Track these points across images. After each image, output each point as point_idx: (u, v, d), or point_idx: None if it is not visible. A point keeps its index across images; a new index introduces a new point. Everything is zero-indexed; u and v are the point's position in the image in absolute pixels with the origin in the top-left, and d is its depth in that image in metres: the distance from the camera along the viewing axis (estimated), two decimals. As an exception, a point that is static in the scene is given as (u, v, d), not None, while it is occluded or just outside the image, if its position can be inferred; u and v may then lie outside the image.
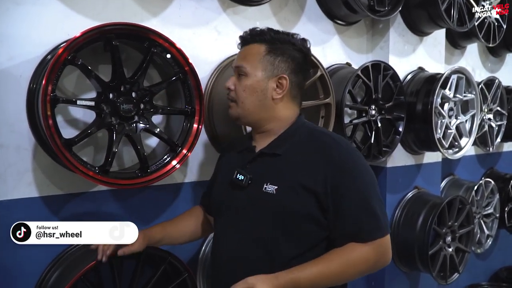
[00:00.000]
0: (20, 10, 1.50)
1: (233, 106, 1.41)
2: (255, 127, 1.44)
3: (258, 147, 1.42)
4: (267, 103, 1.38)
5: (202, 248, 1.98)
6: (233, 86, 1.41)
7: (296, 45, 1.40)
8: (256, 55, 1.38)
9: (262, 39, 1.39)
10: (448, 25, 2.58)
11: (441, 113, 2.55)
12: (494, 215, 3.46)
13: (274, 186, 1.31)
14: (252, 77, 1.37)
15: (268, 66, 1.37)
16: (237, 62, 1.41)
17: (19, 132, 1.52)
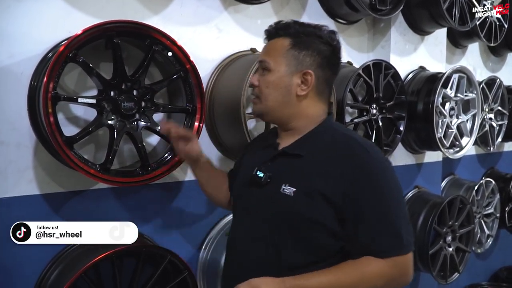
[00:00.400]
0: (21, 8, 1.49)
1: (256, 102, 1.36)
2: (279, 124, 1.39)
3: (281, 144, 1.36)
4: (291, 100, 1.31)
5: (203, 246, 1.98)
6: (257, 82, 1.35)
7: (323, 38, 1.32)
8: (279, 49, 1.31)
9: (287, 32, 1.33)
10: (450, 24, 2.58)
11: (442, 113, 2.55)
12: (494, 215, 3.46)
13: (292, 188, 1.24)
14: (275, 72, 1.31)
15: (292, 61, 1.30)
16: (260, 57, 1.36)
17: (20, 129, 1.52)
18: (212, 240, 1.99)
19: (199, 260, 1.98)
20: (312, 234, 1.23)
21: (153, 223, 1.83)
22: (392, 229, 1.20)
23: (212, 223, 2.01)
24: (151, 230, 1.82)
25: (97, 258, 1.43)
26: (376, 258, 1.19)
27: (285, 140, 1.36)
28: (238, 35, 2.02)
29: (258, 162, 1.35)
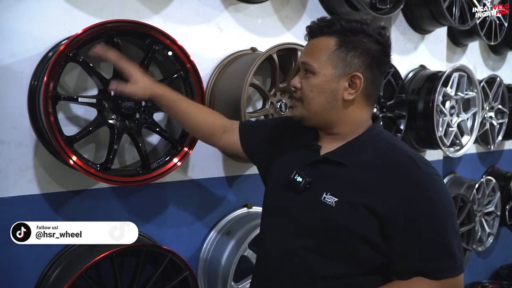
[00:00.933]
0: (22, 7, 1.49)
1: (298, 106, 1.27)
2: (322, 128, 1.30)
3: (323, 148, 1.27)
4: (337, 105, 1.22)
5: (203, 245, 1.98)
6: (299, 84, 1.25)
7: (371, 35, 1.20)
8: (324, 50, 1.20)
9: (331, 31, 1.21)
10: (450, 23, 2.58)
11: (443, 111, 2.55)
12: (495, 213, 3.46)
13: (334, 197, 1.17)
14: (321, 76, 1.20)
15: (339, 63, 1.19)
16: (303, 58, 1.25)
17: (20, 128, 1.52)
18: (212, 239, 1.99)
19: (200, 259, 1.98)
20: (351, 246, 1.16)
21: (154, 223, 1.83)
22: (447, 250, 1.12)
23: (213, 223, 2.01)
24: (152, 229, 1.82)
25: (98, 257, 1.44)
26: (429, 280, 1.12)
27: (327, 143, 1.28)
28: (238, 34, 2.01)
29: (296, 164, 1.27)
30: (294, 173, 1.23)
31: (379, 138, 1.25)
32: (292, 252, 1.22)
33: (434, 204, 1.12)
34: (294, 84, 1.26)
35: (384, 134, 1.27)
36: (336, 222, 1.16)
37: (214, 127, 1.50)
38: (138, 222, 1.77)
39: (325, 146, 1.27)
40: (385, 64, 1.26)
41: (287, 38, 2.17)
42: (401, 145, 1.24)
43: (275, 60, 1.81)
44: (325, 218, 1.18)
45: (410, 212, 1.11)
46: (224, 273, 1.86)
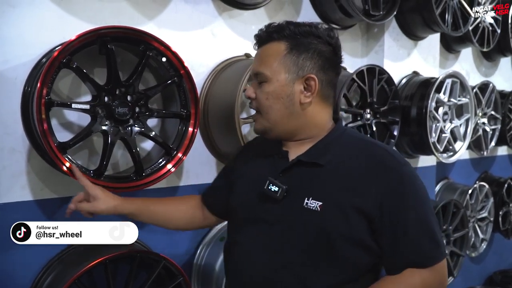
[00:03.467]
0: (16, 13, 1.49)
1: (258, 118, 1.24)
2: (286, 138, 1.25)
3: (291, 153, 1.24)
4: (296, 110, 1.19)
5: (197, 252, 1.98)
6: (253, 94, 1.22)
7: (321, 37, 1.20)
8: (275, 55, 1.18)
9: (281, 35, 1.19)
10: (443, 29, 2.60)
11: (436, 117, 2.56)
12: (488, 219, 3.47)
13: (318, 202, 1.13)
14: (274, 82, 1.18)
15: (291, 67, 1.17)
16: (255, 68, 1.23)
17: (13, 134, 1.51)
18: (206, 245, 1.99)
19: (194, 265, 1.98)
20: (345, 251, 1.13)
21: (148, 229, 1.82)
22: (432, 237, 1.14)
23: (207, 228, 2.01)
24: (146, 236, 1.81)
25: (91, 264, 1.43)
26: (419, 269, 1.12)
27: (293, 148, 1.25)
28: (232, 41, 2.02)
29: (266, 174, 1.21)
30: (267, 183, 1.18)
31: (346, 135, 1.24)
32: (281, 269, 1.16)
33: (415, 193, 1.14)
34: (248, 94, 1.24)
35: (350, 131, 1.28)
36: (324, 227, 1.12)
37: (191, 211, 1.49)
38: (131, 228, 1.77)
39: (293, 151, 1.24)
40: (337, 65, 1.26)
41: (281, 44, 2.17)
42: (371, 140, 1.27)
43: (269, 66, 1.82)
44: (311, 225, 1.13)
45: (396, 205, 1.11)
46: (218, 279, 1.86)
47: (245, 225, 1.28)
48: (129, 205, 1.39)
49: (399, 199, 1.12)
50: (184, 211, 1.48)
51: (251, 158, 1.36)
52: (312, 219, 1.13)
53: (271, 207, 1.20)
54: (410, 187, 1.14)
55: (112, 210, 1.35)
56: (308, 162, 1.19)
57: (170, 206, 1.48)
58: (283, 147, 1.27)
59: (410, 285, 1.12)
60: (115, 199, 1.37)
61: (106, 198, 1.35)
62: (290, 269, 1.16)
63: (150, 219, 1.45)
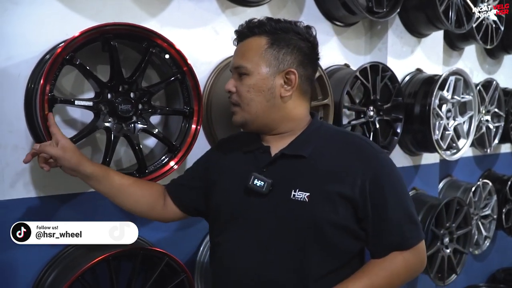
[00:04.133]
0: (19, 10, 1.49)
1: (238, 111, 1.26)
2: (265, 131, 1.28)
3: (273, 147, 1.27)
4: (276, 103, 1.23)
5: (200, 249, 1.98)
6: (234, 88, 1.25)
7: (301, 34, 1.24)
8: (256, 49, 1.22)
9: (262, 30, 1.23)
10: (446, 26, 2.59)
11: (439, 115, 2.56)
12: (491, 216, 3.47)
13: (305, 193, 1.16)
14: (255, 75, 1.21)
15: (272, 61, 1.21)
16: (236, 62, 1.26)
17: (17, 131, 1.52)
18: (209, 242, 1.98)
19: (197, 262, 1.98)
20: (336, 239, 1.17)
21: (151, 226, 1.82)
22: (411, 218, 1.20)
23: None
24: (149, 233, 1.82)
25: (94, 261, 1.43)
26: (400, 252, 1.19)
27: (274, 143, 1.27)
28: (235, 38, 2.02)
29: (249, 170, 1.23)
30: (252, 179, 1.20)
31: (324, 128, 1.29)
32: (273, 263, 1.18)
33: (393, 178, 1.21)
34: (228, 88, 1.26)
35: (327, 125, 1.33)
36: (314, 217, 1.16)
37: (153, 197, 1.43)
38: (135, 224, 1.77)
39: (274, 145, 1.27)
40: (316, 61, 1.31)
41: (284, 41, 2.17)
42: (347, 131, 1.34)
43: (272, 63, 1.81)
44: (302, 216, 1.16)
45: (377, 189, 1.16)
46: (221, 276, 1.86)
47: (229, 223, 1.28)
48: (94, 167, 1.32)
49: (379, 185, 1.17)
50: (146, 194, 1.42)
51: (231, 155, 1.36)
52: (301, 210, 1.16)
53: (257, 202, 1.21)
54: (388, 173, 1.20)
55: (75, 163, 1.27)
56: (291, 155, 1.22)
57: (133, 184, 1.41)
58: (263, 142, 1.30)
59: (394, 265, 1.18)
60: (82, 156, 1.31)
61: (74, 150, 1.29)
62: (282, 262, 1.18)
63: (110, 190, 1.36)
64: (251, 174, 1.21)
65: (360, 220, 1.19)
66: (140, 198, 1.41)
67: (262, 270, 1.19)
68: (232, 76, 1.28)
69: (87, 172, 1.30)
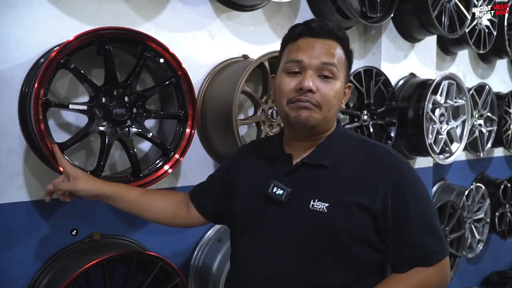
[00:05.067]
0: (13, 13, 1.49)
1: (314, 111, 1.16)
2: (312, 135, 1.22)
3: (295, 155, 1.24)
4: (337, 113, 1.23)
5: (195, 252, 1.98)
6: (315, 87, 1.14)
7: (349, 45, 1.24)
8: (338, 56, 1.18)
9: (337, 36, 1.19)
10: (439, 31, 2.61)
11: (432, 119, 2.58)
12: (485, 220, 3.49)
13: (324, 203, 1.12)
14: (338, 82, 1.17)
15: (345, 73, 1.21)
16: (325, 58, 1.15)
17: (10, 135, 1.51)
18: (204, 246, 1.99)
19: (191, 266, 1.98)
20: (355, 251, 1.13)
21: (145, 230, 1.82)
22: (435, 232, 1.14)
23: (204, 229, 2.01)
24: (143, 237, 1.81)
25: (88, 265, 1.43)
26: (423, 268, 1.13)
27: (298, 150, 1.24)
28: (230, 42, 2.03)
29: (268, 177, 1.20)
30: (271, 187, 1.17)
31: (346, 135, 1.26)
32: (288, 272, 1.15)
33: (417, 190, 1.16)
34: (310, 87, 1.13)
35: (349, 132, 1.29)
36: (333, 227, 1.12)
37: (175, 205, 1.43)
38: (129, 229, 1.78)
39: (297, 153, 1.24)
40: None
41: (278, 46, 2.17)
42: (370, 140, 1.28)
43: (266, 67, 1.82)
44: (320, 226, 1.13)
45: (398, 201, 1.12)
46: (216, 280, 1.86)
47: (247, 230, 1.25)
48: (111, 188, 1.34)
49: (401, 196, 1.13)
50: (168, 204, 1.43)
51: (251, 162, 1.34)
52: (319, 220, 1.13)
53: (275, 210, 1.18)
54: (411, 185, 1.15)
55: (92, 190, 1.30)
56: (312, 164, 1.19)
57: (153, 196, 1.43)
58: (285, 149, 1.27)
59: (415, 282, 1.13)
60: (96, 181, 1.34)
61: (87, 178, 1.32)
62: (298, 272, 1.14)
63: (130, 206, 1.37)
64: (271, 182, 1.18)
65: (380, 232, 1.14)
66: (160, 210, 1.42)
67: (276, 279, 1.16)
68: (307, 73, 1.15)
69: (106, 195, 1.33)
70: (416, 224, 1.13)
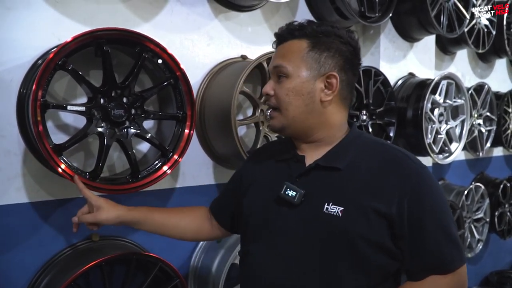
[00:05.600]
0: (11, 15, 1.49)
1: (276, 116, 1.19)
2: (302, 137, 1.22)
3: (308, 157, 1.21)
4: (315, 107, 1.17)
5: (194, 254, 1.98)
6: (272, 91, 1.19)
7: (343, 37, 1.18)
8: (297, 52, 1.17)
9: (303, 33, 1.18)
10: (438, 31, 2.61)
11: (431, 118, 2.57)
12: (484, 219, 3.49)
13: (339, 207, 1.10)
14: (295, 78, 1.16)
15: (313, 64, 1.15)
16: (275, 61, 1.20)
17: (8, 136, 1.51)
18: (203, 247, 1.99)
19: (190, 267, 1.97)
20: (370, 256, 1.10)
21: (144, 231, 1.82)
22: (452, 240, 1.11)
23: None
24: (142, 238, 1.81)
25: (87, 266, 1.43)
26: (439, 276, 1.10)
27: (310, 152, 1.22)
28: (228, 42, 2.03)
29: (281, 179, 1.19)
30: (284, 188, 1.16)
31: (362, 138, 1.22)
32: (302, 276, 1.13)
33: (435, 196, 1.12)
34: (266, 91, 1.20)
35: (365, 135, 1.26)
36: (346, 232, 1.09)
37: (198, 221, 1.46)
38: (128, 231, 1.77)
39: (310, 155, 1.21)
40: (357, 66, 1.24)
41: (277, 46, 2.18)
42: (387, 143, 1.24)
43: (265, 68, 1.82)
44: (333, 230, 1.10)
45: (415, 207, 1.09)
46: (215, 281, 1.86)
47: (258, 232, 1.23)
48: (133, 214, 1.37)
49: (418, 203, 1.09)
50: (191, 221, 1.45)
51: (263, 164, 1.33)
52: (334, 224, 1.10)
53: (287, 213, 1.16)
54: (428, 190, 1.12)
55: (114, 219, 1.34)
56: (326, 166, 1.16)
57: (176, 214, 1.45)
58: (298, 152, 1.24)
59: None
60: (118, 208, 1.35)
61: (109, 208, 1.34)
62: (311, 276, 1.13)
63: (154, 227, 1.41)
64: (284, 183, 1.17)
65: (396, 238, 1.11)
66: (184, 228, 1.44)
67: (288, 282, 1.15)
68: (271, 78, 1.23)
69: (128, 221, 1.36)
70: (433, 231, 1.09)
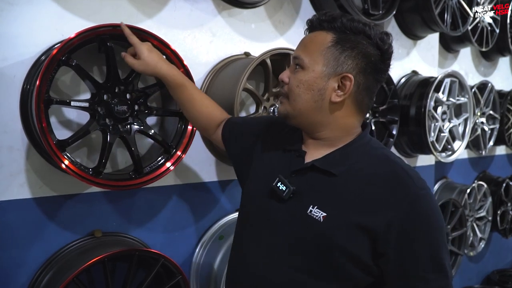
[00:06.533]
0: (14, 11, 1.49)
1: (284, 102, 1.18)
2: (306, 131, 1.21)
3: (308, 154, 1.19)
4: (323, 106, 1.13)
5: (196, 250, 1.98)
6: (287, 79, 1.17)
7: (372, 38, 1.12)
8: (319, 45, 1.13)
9: (331, 26, 1.13)
10: (442, 29, 2.60)
11: (434, 117, 2.57)
12: (486, 218, 3.49)
13: (322, 212, 1.08)
14: (310, 71, 1.12)
15: (331, 61, 1.11)
16: (296, 51, 1.18)
17: (12, 132, 1.51)
18: (205, 243, 1.99)
19: (192, 263, 1.98)
20: (344, 267, 1.08)
21: (146, 227, 1.82)
22: (441, 267, 1.06)
23: (205, 227, 2.01)
24: (144, 234, 1.81)
25: (89, 262, 1.43)
26: None
27: (312, 149, 1.19)
28: (231, 39, 2.02)
29: (279, 170, 1.19)
30: (276, 181, 1.16)
31: (369, 147, 1.17)
32: (281, 271, 1.13)
33: (430, 220, 1.06)
34: (282, 78, 1.19)
35: (374, 143, 1.20)
36: (326, 238, 1.08)
37: (210, 121, 1.53)
38: (130, 227, 1.78)
39: (311, 152, 1.19)
40: (382, 72, 1.17)
41: (280, 43, 2.18)
42: (393, 156, 1.17)
43: (268, 65, 1.82)
44: (311, 233, 1.09)
45: (406, 228, 1.04)
46: (217, 277, 1.86)
47: (250, 218, 1.25)
48: (168, 68, 1.46)
49: (412, 227, 1.04)
50: (205, 116, 1.53)
51: (271, 147, 1.31)
52: (313, 228, 1.09)
53: (275, 205, 1.17)
54: (425, 213, 1.06)
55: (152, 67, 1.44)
56: (322, 169, 1.14)
57: (201, 102, 1.53)
58: (303, 146, 1.22)
59: None
60: (160, 58, 1.46)
61: (150, 55, 1.44)
62: (290, 273, 1.12)
63: (178, 90, 1.49)
64: (277, 176, 1.17)
65: (376, 255, 1.07)
66: (198, 117, 1.54)
67: (268, 273, 1.15)
68: (290, 66, 1.20)
69: (163, 73, 1.46)
70: (422, 259, 1.05)
